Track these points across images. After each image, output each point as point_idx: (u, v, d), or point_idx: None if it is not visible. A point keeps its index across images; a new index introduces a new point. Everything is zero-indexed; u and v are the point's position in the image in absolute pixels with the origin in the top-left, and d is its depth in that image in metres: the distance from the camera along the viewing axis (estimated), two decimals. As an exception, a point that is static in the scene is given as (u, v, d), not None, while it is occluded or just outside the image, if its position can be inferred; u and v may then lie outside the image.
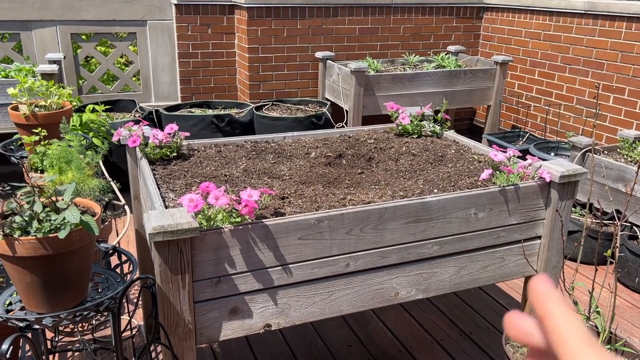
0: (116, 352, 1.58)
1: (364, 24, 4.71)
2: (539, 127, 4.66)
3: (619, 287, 2.86)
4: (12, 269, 1.34)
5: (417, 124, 2.40)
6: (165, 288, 1.44)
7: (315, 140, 2.34)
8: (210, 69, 4.63)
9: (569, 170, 1.85)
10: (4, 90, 3.29)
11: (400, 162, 2.11)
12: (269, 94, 4.60)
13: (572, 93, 4.34)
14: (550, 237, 1.94)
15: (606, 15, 3.97)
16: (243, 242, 1.49)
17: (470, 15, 5.09)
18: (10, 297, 1.50)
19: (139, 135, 2.00)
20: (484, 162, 2.10)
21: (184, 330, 1.50)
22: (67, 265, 1.36)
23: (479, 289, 2.85)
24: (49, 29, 4.23)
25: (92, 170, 1.99)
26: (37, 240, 1.28)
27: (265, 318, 1.60)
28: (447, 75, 4.32)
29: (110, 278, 1.62)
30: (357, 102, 4.04)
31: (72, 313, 1.40)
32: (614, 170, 3.04)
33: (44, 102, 2.33)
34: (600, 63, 4.07)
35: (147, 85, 4.64)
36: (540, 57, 4.59)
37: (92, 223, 1.33)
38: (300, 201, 1.70)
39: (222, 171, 1.94)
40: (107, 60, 4.52)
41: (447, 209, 1.74)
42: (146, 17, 4.45)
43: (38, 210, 1.33)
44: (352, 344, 2.43)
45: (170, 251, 1.41)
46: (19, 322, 1.36)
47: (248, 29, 4.34)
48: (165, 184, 1.81)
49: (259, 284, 1.55)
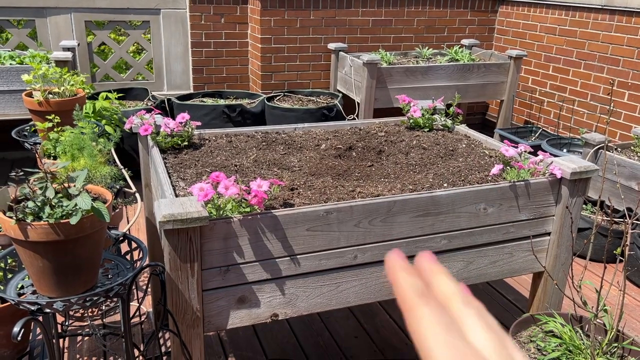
0: (125, 338, 1.60)
1: (378, 15, 4.68)
2: (552, 123, 4.62)
3: (628, 285, 2.84)
4: (25, 253, 1.36)
5: (429, 118, 2.39)
6: (174, 276, 1.46)
7: (326, 132, 2.34)
8: (222, 58, 4.63)
9: (580, 167, 1.84)
10: (18, 77, 3.32)
11: (410, 155, 2.10)
12: (281, 85, 4.60)
13: (586, 89, 4.29)
14: (560, 234, 1.93)
15: (623, 11, 3.92)
16: (252, 231, 1.50)
17: (485, 9, 5.04)
18: (22, 281, 1.52)
19: (151, 124, 2.01)
20: (495, 157, 2.09)
21: (192, 317, 1.52)
22: (78, 250, 1.38)
23: (486, 284, 2.85)
24: (64, 16, 4.26)
25: (104, 157, 2.01)
26: (49, 226, 1.30)
27: (272, 308, 1.61)
28: (461, 69, 4.28)
29: (120, 265, 1.64)
30: (368, 95, 4.02)
31: (83, 298, 1.42)
32: (627, 167, 3.00)
33: (58, 89, 2.35)
34: (616, 59, 4.01)
35: (159, 74, 4.66)
36: (555, 52, 4.54)
37: (103, 210, 1.35)
38: (309, 192, 1.71)
39: (232, 161, 1.95)
40: (121, 48, 4.54)
41: (456, 203, 1.73)
42: (160, 5, 4.46)
43: (50, 196, 1.34)
44: (359, 335, 2.44)
45: (180, 239, 1.42)
46: (30, 306, 1.38)
47: (261, 19, 4.33)
48: (176, 173, 1.83)
49: (267, 273, 1.56)
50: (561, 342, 1.84)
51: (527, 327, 1.98)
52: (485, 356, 0.31)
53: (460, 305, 0.33)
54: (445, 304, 0.33)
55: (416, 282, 0.34)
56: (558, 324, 1.87)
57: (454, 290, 0.34)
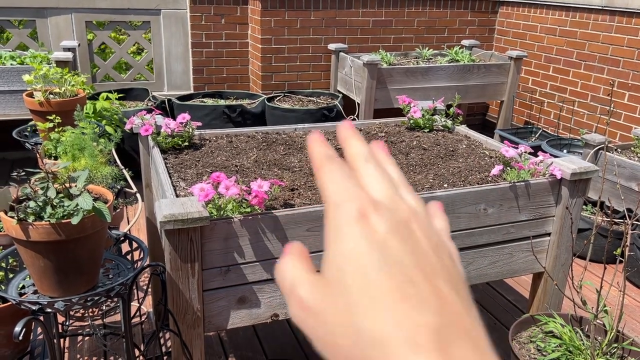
0: (126, 338, 1.61)
1: (378, 16, 4.69)
2: (552, 124, 4.62)
3: (628, 286, 2.84)
4: (26, 253, 1.36)
5: (429, 118, 2.40)
6: (175, 276, 1.46)
7: (326, 133, 2.34)
8: (223, 59, 4.64)
9: (580, 167, 1.84)
10: (19, 77, 3.33)
11: (410, 156, 2.11)
12: (281, 86, 4.61)
13: (586, 90, 4.30)
14: (560, 235, 1.93)
15: (623, 12, 3.92)
16: (252, 232, 1.51)
17: (485, 10, 5.05)
18: (24, 281, 1.53)
19: (152, 124, 2.01)
20: (495, 157, 2.09)
21: (193, 317, 1.52)
22: (80, 250, 1.38)
23: (486, 285, 2.85)
24: (64, 17, 4.26)
25: (105, 157, 2.01)
26: (50, 226, 1.30)
27: (272, 308, 1.61)
28: (461, 69, 4.29)
29: (121, 265, 1.65)
30: (369, 95, 4.03)
31: (84, 298, 1.42)
32: (627, 168, 3.01)
33: (59, 89, 2.36)
34: (616, 60, 4.02)
35: (160, 75, 4.67)
36: (556, 53, 4.54)
37: (104, 210, 1.35)
38: (309, 193, 1.71)
39: (232, 161, 1.96)
40: (121, 48, 4.54)
41: (456, 203, 1.74)
42: (160, 6, 4.47)
43: (52, 196, 1.35)
44: (359, 336, 2.44)
45: (181, 239, 1.43)
46: (31, 305, 1.39)
47: (261, 19, 4.34)
48: (176, 173, 1.83)
49: (268, 273, 1.57)
50: (561, 342, 1.84)
51: (527, 328, 1.98)
52: (377, 198, 0.32)
53: (362, 161, 0.35)
54: (350, 162, 0.35)
55: (328, 150, 0.35)
56: (558, 325, 1.88)
57: (359, 150, 0.35)
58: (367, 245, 0.30)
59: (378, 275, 0.29)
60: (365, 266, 0.29)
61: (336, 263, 0.30)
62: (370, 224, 0.30)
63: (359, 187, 0.32)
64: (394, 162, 0.37)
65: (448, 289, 0.29)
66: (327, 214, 0.32)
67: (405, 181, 0.36)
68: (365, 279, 0.29)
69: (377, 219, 0.30)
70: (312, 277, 0.32)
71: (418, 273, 0.29)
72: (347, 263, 0.30)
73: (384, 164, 0.36)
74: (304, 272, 0.32)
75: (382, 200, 0.32)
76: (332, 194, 0.32)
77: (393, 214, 0.31)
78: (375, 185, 0.33)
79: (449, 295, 0.29)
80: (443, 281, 0.30)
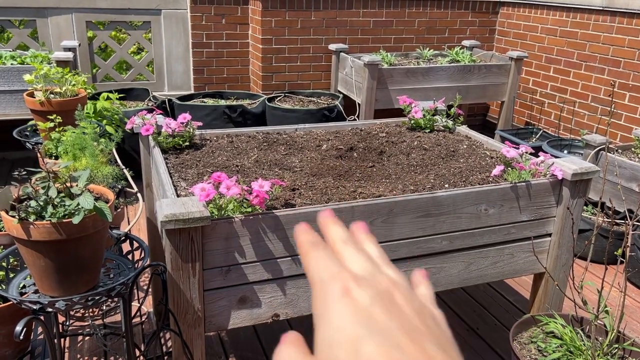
0: (126, 338, 1.61)
1: (379, 16, 4.69)
2: (552, 125, 4.62)
3: (628, 286, 2.84)
4: (27, 252, 1.36)
5: (430, 119, 2.40)
6: (175, 275, 1.46)
7: (327, 133, 2.34)
8: (223, 59, 4.63)
9: (581, 168, 1.84)
10: (19, 77, 3.33)
11: (411, 156, 2.11)
12: (282, 86, 4.60)
13: (587, 90, 4.30)
14: (561, 235, 1.93)
15: (624, 12, 3.92)
16: (253, 232, 1.51)
17: (486, 10, 5.05)
18: (24, 281, 1.52)
19: (152, 124, 2.01)
20: (496, 158, 2.09)
21: (194, 317, 1.52)
22: (81, 250, 1.38)
23: (487, 285, 2.85)
24: (65, 17, 4.26)
25: (106, 157, 2.01)
26: (51, 225, 1.30)
27: (273, 308, 1.61)
28: (461, 70, 4.29)
29: (121, 264, 1.65)
30: (369, 96, 4.03)
31: (85, 297, 1.42)
32: (628, 169, 3.01)
33: (59, 89, 2.36)
34: (617, 61, 4.02)
35: (160, 75, 4.66)
36: (556, 54, 4.54)
37: (105, 209, 1.35)
38: (310, 193, 1.71)
39: (233, 161, 1.96)
40: (122, 48, 4.54)
41: (457, 204, 1.74)
42: (161, 6, 4.47)
43: (53, 196, 1.35)
44: (359, 336, 2.44)
45: (182, 239, 1.43)
46: (32, 305, 1.38)
47: (262, 19, 4.34)
48: (177, 173, 1.83)
49: (268, 273, 1.57)
50: (562, 343, 1.84)
51: (527, 328, 1.98)
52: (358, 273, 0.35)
53: (341, 244, 0.38)
54: (331, 245, 0.38)
55: (313, 237, 0.38)
56: (559, 325, 1.87)
57: (338, 234, 0.39)
58: (353, 319, 0.32)
59: (367, 346, 0.30)
60: (353, 339, 0.31)
61: (327, 341, 0.32)
62: (353, 298, 0.33)
63: (340, 266, 0.35)
64: (374, 241, 0.40)
65: (435, 349, 0.31)
66: (313, 294, 0.35)
67: (384, 256, 0.39)
68: (355, 352, 0.30)
69: (360, 292, 0.33)
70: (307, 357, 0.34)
71: (404, 338, 0.31)
72: (337, 339, 0.32)
73: (362, 244, 0.40)
74: (300, 356, 0.34)
75: (362, 274, 0.35)
76: (317, 274, 0.35)
77: (374, 286, 0.34)
78: (355, 263, 0.36)
79: (436, 356, 0.30)
80: (429, 343, 0.31)
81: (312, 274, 0.36)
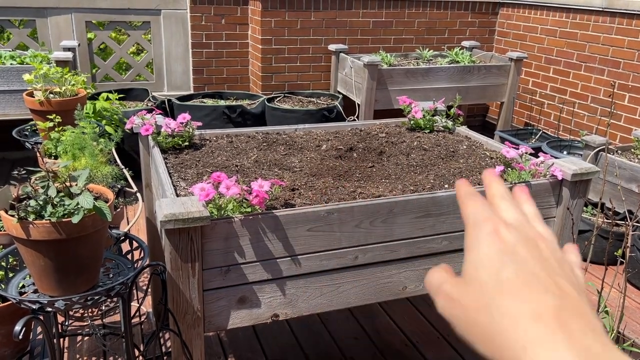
0: (125, 338, 1.60)
1: (378, 17, 4.69)
2: (552, 125, 4.62)
3: (628, 287, 2.84)
4: (26, 252, 1.36)
5: (430, 119, 2.39)
6: (175, 275, 1.46)
7: (327, 133, 2.34)
8: (223, 59, 4.63)
9: (581, 168, 1.84)
10: (19, 77, 3.32)
11: (411, 156, 2.11)
12: (281, 86, 4.60)
13: (587, 91, 4.30)
14: (561, 236, 1.93)
15: (624, 13, 3.93)
16: (253, 232, 1.50)
17: (485, 11, 5.05)
18: (24, 280, 1.52)
19: (152, 124, 2.01)
20: (496, 158, 2.09)
21: (193, 317, 1.52)
22: (80, 249, 1.38)
23: (486, 286, 2.84)
24: (64, 17, 4.26)
25: (105, 157, 2.01)
26: (51, 224, 1.30)
27: (272, 308, 1.61)
28: (461, 70, 4.29)
29: (121, 264, 1.64)
30: (369, 96, 4.03)
31: (84, 297, 1.42)
32: (627, 170, 3.01)
33: (59, 89, 2.35)
34: (616, 61, 4.02)
35: (160, 75, 4.66)
36: (556, 55, 4.55)
37: (105, 209, 1.35)
38: (310, 193, 1.71)
39: (233, 161, 1.95)
40: (121, 48, 4.54)
41: (457, 204, 1.73)
42: (160, 6, 4.47)
43: (52, 195, 1.34)
44: (359, 336, 2.44)
45: (181, 239, 1.43)
46: (32, 305, 1.38)
47: (262, 20, 4.34)
48: (176, 173, 1.83)
49: (268, 274, 1.56)
50: (561, 343, 1.84)
51: (527, 329, 1.97)
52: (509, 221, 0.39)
53: (499, 198, 0.43)
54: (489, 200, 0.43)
55: (472, 190, 0.43)
56: (558, 326, 1.87)
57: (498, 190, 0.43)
58: (498, 250, 0.37)
59: (507, 272, 0.36)
60: (496, 265, 0.37)
61: (473, 265, 0.38)
62: (501, 237, 0.38)
63: (494, 212, 0.40)
64: (533, 203, 0.45)
65: (568, 285, 0.35)
66: (466, 232, 0.41)
67: (539, 217, 0.43)
68: (497, 274, 0.36)
69: (507, 233, 0.38)
70: (454, 277, 0.40)
71: (541, 271, 0.36)
72: (482, 263, 0.37)
73: (520, 202, 0.44)
74: (448, 275, 0.41)
75: (513, 223, 0.39)
76: (471, 217, 0.41)
77: (521, 232, 0.38)
78: (508, 214, 0.41)
79: (568, 289, 0.35)
80: (564, 280, 0.36)
81: (466, 216, 0.41)
